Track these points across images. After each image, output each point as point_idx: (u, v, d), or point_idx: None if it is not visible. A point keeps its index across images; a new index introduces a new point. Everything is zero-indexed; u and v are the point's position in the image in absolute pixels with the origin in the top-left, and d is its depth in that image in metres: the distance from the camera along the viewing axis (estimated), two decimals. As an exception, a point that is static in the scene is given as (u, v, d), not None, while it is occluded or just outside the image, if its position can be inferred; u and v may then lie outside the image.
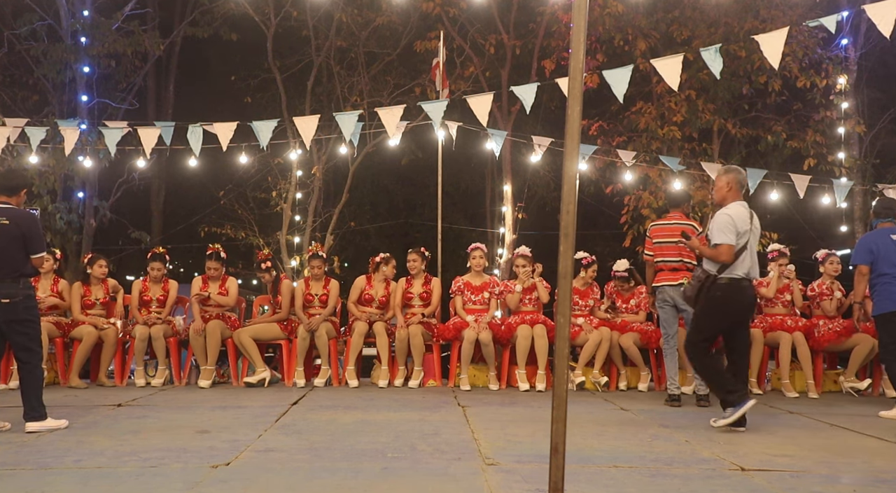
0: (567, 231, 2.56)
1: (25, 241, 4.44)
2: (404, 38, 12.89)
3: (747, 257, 4.65)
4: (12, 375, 6.37)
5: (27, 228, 4.46)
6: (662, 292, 5.69)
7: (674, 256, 5.63)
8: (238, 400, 5.59)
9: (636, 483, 3.16)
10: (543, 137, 9.20)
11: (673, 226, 5.67)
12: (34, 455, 3.60)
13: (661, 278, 5.69)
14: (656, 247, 5.73)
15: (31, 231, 4.47)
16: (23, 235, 4.44)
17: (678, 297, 5.57)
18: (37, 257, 4.53)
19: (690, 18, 11.09)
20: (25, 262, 4.47)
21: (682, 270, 5.61)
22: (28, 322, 4.46)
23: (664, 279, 5.67)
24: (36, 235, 4.52)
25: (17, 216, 4.47)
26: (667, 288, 5.66)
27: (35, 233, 4.51)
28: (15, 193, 4.56)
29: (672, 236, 5.63)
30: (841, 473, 3.43)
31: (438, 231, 8.88)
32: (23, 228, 4.44)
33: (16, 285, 4.41)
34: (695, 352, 4.69)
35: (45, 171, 11.18)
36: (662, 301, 5.71)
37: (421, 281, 6.84)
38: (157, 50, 13.71)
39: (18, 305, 4.40)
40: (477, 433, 4.25)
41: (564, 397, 2.54)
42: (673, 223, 5.70)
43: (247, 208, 14.39)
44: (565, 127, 2.61)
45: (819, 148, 11.29)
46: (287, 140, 10.78)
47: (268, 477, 3.20)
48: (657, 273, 5.76)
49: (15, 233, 4.41)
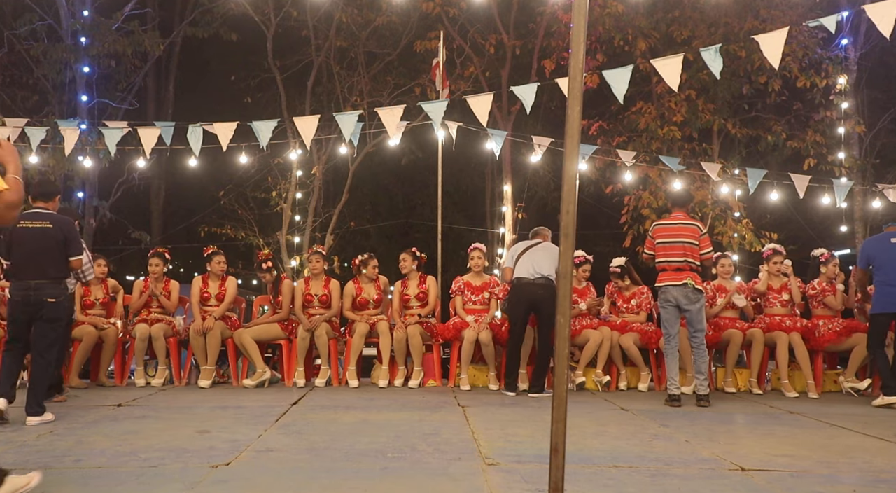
0: (567, 231, 2.56)
1: (67, 244, 4.76)
2: (404, 38, 12.89)
3: None
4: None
5: (68, 231, 4.79)
6: (665, 291, 5.67)
7: (678, 256, 5.61)
8: (238, 400, 5.58)
9: (636, 483, 3.16)
10: (543, 137, 9.20)
11: (678, 226, 5.67)
12: (34, 455, 3.60)
13: (665, 278, 5.67)
14: (659, 247, 5.70)
15: (71, 235, 4.80)
16: (65, 239, 4.76)
17: (681, 297, 5.56)
18: (75, 259, 4.83)
19: (690, 18, 11.09)
20: (66, 264, 4.80)
21: (686, 270, 5.60)
22: (61, 322, 4.76)
23: (667, 279, 5.65)
24: (75, 238, 4.84)
25: (59, 221, 4.80)
26: (670, 288, 5.63)
27: (74, 237, 4.84)
28: (51, 198, 4.91)
29: (677, 236, 5.62)
30: (841, 473, 3.43)
31: (438, 231, 8.88)
32: (64, 231, 4.76)
33: (59, 286, 4.73)
34: None
35: (45, 171, 11.19)
36: (665, 301, 5.69)
37: (416, 282, 6.84)
38: (157, 50, 13.71)
39: (61, 305, 4.71)
40: (477, 433, 4.25)
41: (564, 397, 2.54)
42: (677, 223, 5.70)
43: (247, 208, 14.38)
44: (565, 127, 2.61)
45: (819, 148, 11.30)
46: (287, 140, 10.79)
47: (268, 477, 3.20)
48: (659, 273, 5.74)
49: (58, 237, 4.73)
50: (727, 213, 11.09)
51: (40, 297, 4.60)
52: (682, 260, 5.61)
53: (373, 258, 6.90)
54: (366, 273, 6.84)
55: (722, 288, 6.70)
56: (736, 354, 6.49)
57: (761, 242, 10.67)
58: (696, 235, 5.64)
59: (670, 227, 5.70)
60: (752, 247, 10.87)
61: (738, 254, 10.63)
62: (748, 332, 6.45)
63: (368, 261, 6.86)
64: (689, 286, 5.56)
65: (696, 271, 5.64)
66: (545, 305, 6.02)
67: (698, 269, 5.66)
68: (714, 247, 5.98)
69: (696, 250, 5.63)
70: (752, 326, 6.56)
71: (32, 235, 4.67)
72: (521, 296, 6.13)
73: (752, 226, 11.09)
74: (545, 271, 6.10)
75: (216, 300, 6.69)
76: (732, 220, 11.06)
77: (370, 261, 6.86)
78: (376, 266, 6.88)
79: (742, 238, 10.92)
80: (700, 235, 5.66)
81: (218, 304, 6.68)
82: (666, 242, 5.68)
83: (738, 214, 11.15)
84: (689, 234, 5.63)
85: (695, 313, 5.60)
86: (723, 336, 6.42)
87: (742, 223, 11.06)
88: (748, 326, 6.57)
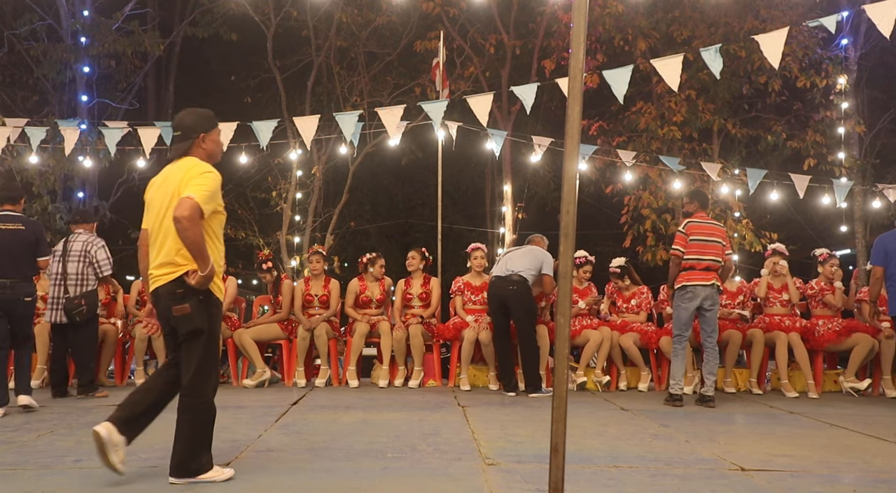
0: (567, 231, 2.56)
1: (37, 245, 5.11)
2: (404, 38, 12.89)
3: None
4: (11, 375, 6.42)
5: (39, 233, 5.17)
6: (692, 291, 5.55)
7: (710, 254, 5.58)
8: (238, 400, 5.59)
9: (636, 483, 3.16)
10: (543, 137, 9.19)
11: (710, 225, 5.71)
12: (34, 455, 3.60)
13: (693, 277, 5.56)
14: (692, 244, 5.61)
15: (41, 236, 5.18)
16: (36, 240, 5.11)
17: (708, 297, 5.54)
18: (43, 259, 5.20)
19: (690, 18, 11.09)
20: (35, 264, 5.14)
21: (714, 270, 5.60)
22: (33, 316, 5.26)
23: (696, 278, 5.55)
24: (44, 240, 5.22)
25: (30, 223, 5.20)
26: (699, 288, 5.54)
27: (44, 238, 5.21)
28: (17, 201, 5.23)
29: (711, 235, 5.62)
30: (841, 473, 3.43)
31: (438, 231, 8.87)
32: (36, 233, 5.13)
33: (32, 285, 5.12)
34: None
35: (45, 171, 11.19)
36: (687, 300, 5.56)
37: (420, 281, 6.84)
38: (157, 50, 13.70)
39: (33, 302, 5.14)
40: (477, 433, 4.25)
41: (564, 397, 2.54)
42: (710, 223, 5.74)
43: (247, 208, 14.38)
44: (565, 127, 2.61)
45: (819, 148, 11.29)
46: (287, 140, 10.78)
47: (268, 477, 3.20)
48: (686, 271, 5.61)
49: (31, 238, 5.08)
50: (727, 213, 11.10)
51: (17, 295, 4.94)
52: (713, 259, 5.59)
53: (380, 258, 6.92)
54: (372, 272, 6.84)
55: (723, 288, 6.70)
56: (735, 354, 6.49)
57: (761, 243, 10.68)
58: (723, 236, 5.71)
59: (704, 226, 5.68)
60: (752, 247, 10.87)
61: (738, 254, 10.63)
62: (748, 332, 6.45)
63: (376, 260, 6.87)
64: (716, 287, 5.57)
65: (718, 271, 5.66)
66: (513, 300, 6.09)
67: (720, 269, 5.68)
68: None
69: (724, 251, 5.66)
70: (751, 326, 6.56)
71: (4, 235, 4.98)
72: (493, 293, 6.27)
73: (752, 226, 11.09)
74: (517, 268, 6.16)
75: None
76: (732, 220, 11.06)
77: (377, 260, 6.87)
78: (383, 266, 6.89)
79: (742, 238, 10.92)
80: (726, 236, 5.76)
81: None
82: (700, 240, 5.61)
83: (738, 214, 11.15)
84: (720, 234, 5.68)
85: (713, 314, 5.62)
86: (722, 336, 6.41)
87: (742, 223, 11.07)
88: (748, 326, 6.57)
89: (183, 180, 3.10)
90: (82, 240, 5.88)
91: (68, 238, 5.94)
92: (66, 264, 5.77)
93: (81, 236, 5.91)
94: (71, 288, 5.74)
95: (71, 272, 5.76)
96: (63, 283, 5.75)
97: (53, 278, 5.80)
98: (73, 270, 5.77)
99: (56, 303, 5.75)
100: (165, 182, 3.21)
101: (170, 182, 3.17)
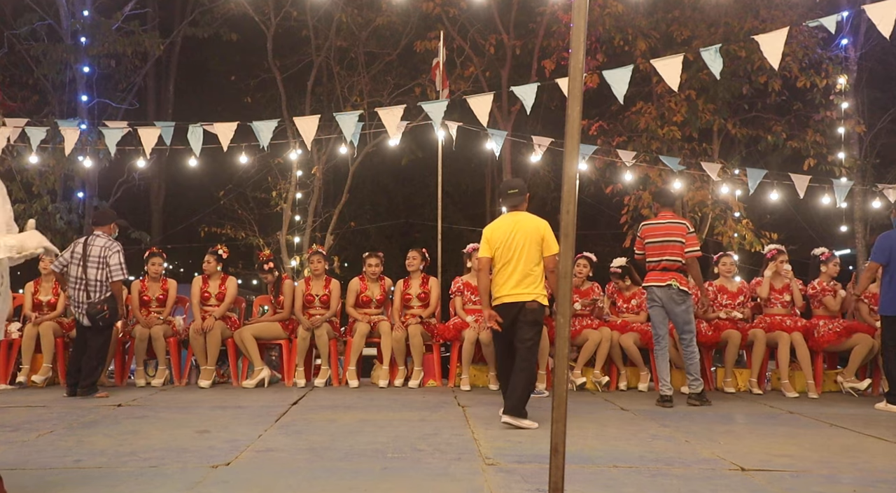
0: (567, 231, 2.56)
1: None
2: (404, 38, 12.88)
3: None
4: (11, 376, 6.45)
5: (109, 254, 5.85)
6: (650, 291, 5.66)
7: (665, 255, 5.59)
8: (238, 400, 5.59)
9: (636, 483, 3.16)
10: (543, 137, 9.19)
11: (665, 225, 5.67)
12: (34, 455, 3.60)
13: (651, 278, 5.66)
14: (648, 247, 5.70)
15: (111, 258, 5.85)
16: None
17: (665, 298, 5.55)
18: (115, 281, 5.85)
19: (690, 18, 11.08)
20: None
21: (672, 269, 5.58)
22: None
23: (653, 279, 5.64)
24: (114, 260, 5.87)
25: (104, 247, 5.88)
26: (654, 288, 5.62)
27: (114, 259, 5.87)
28: (104, 225, 6.03)
29: (664, 236, 5.62)
30: (841, 473, 3.43)
31: (438, 231, 8.87)
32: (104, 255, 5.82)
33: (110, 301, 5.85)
34: None
35: (45, 171, 11.19)
36: (651, 301, 5.68)
37: (419, 281, 6.83)
38: (157, 50, 13.71)
39: None
40: (477, 433, 4.25)
41: (564, 397, 2.54)
42: (665, 222, 5.70)
43: (247, 208, 14.37)
44: (565, 127, 2.61)
45: (819, 148, 11.28)
46: (287, 140, 10.77)
47: (268, 477, 3.20)
48: (647, 273, 5.74)
49: None
50: (727, 213, 11.09)
51: None
52: (669, 259, 5.59)
53: (372, 256, 6.85)
54: (365, 270, 6.83)
55: (723, 289, 6.70)
56: (735, 354, 6.49)
57: (761, 243, 10.67)
58: (683, 234, 5.63)
59: (658, 226, 5.69)
60: (752, 247, 10.86)
61: (738, 254, 10.62)
62: (749, 332, 6.45)
63: (367, 259, 6.85)
64: (674, 288, 5.53)
65: (681, 271, 5.62)
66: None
67: (683, 268, 5.65)
68: (714, 247, 5.98)
69: (682, 249, 5.61)
70: (752, 326, 6.56)
71: None
72: None
73: (752, 226, 11.08)
74: None
75: (216, 300, 6.69)
76: (732, 220, 11.05)
77: (368, 259, 6.84)
78: (377, 264, 6.81)
79: (742, 238, 10.91)
80: (687, 233, 5.66)
81: (218, 304, 6.68)
82: (654, 242, 5.66)
83: (738, 215, 11.14)
84: (679, 233, 5.63)
85: (680, 314, 5.58)
86: (722, 336, 6.42)
87: (742, 223, 11.06)
88: (749, 326, 6.57)
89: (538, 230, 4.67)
90: (100, 245, 5.89)
91: (87, 240, 5.95)
92: (86, 269, 5.82)
93: (99, 240, 5.92)
94: (93, 294, 5.80)
95: (91, 278, 5.81)
96: (84, 287, 5.81)
97: (73, 281, 5.85)
98: (93, 276, 5.83)
99: (79, 306, 5.82)
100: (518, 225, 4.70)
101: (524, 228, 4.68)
